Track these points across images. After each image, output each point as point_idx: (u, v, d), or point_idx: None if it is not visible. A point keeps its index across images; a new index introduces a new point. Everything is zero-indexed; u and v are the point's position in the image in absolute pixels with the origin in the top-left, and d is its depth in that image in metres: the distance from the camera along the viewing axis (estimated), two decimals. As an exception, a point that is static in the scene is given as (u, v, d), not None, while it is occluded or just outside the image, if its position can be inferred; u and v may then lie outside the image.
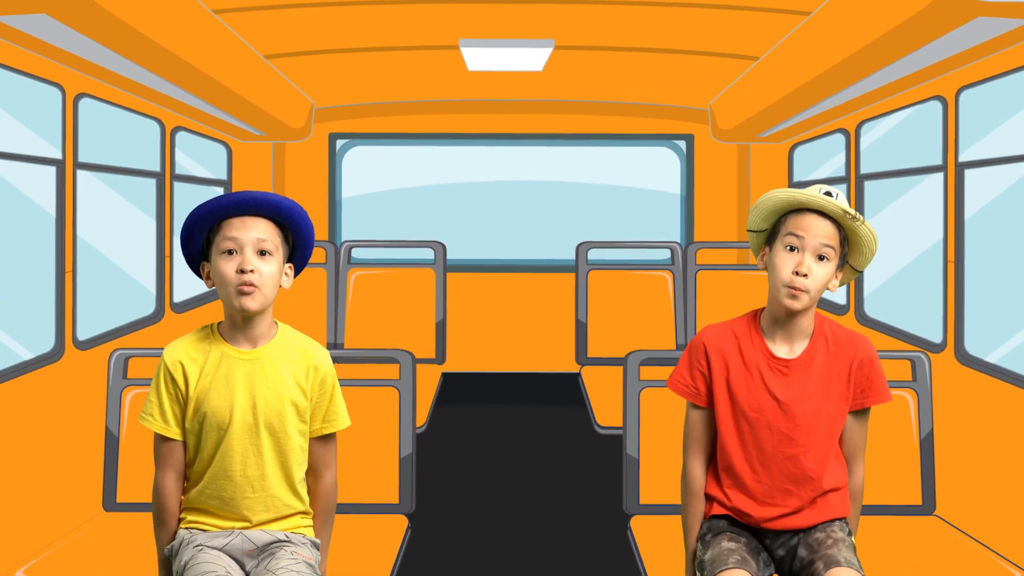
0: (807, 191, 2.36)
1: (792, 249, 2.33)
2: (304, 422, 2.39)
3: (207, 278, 2.35)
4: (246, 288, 2.27)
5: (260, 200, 2.31)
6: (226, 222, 2.30)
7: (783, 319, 2.38)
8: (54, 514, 3.65)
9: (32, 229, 4.73)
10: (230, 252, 2.29)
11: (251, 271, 2.27)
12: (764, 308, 2.43)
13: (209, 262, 2.33)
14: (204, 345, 2.35)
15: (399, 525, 3.25)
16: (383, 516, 3.28)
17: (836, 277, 2.38)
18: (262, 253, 2.29)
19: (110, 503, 3.30)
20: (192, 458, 2.38)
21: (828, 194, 2.34)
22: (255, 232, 2.29)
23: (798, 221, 2.34)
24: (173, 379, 2.33)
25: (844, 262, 2.39)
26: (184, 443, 2.37)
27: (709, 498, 2.48)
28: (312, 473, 2.45)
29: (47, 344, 3.96)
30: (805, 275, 2.30)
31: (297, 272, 2.41)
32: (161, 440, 2.36)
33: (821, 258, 2.33)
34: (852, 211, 2.34)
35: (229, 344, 2.35)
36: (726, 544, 2.38)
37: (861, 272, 2.45)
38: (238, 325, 2.34)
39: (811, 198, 2.33)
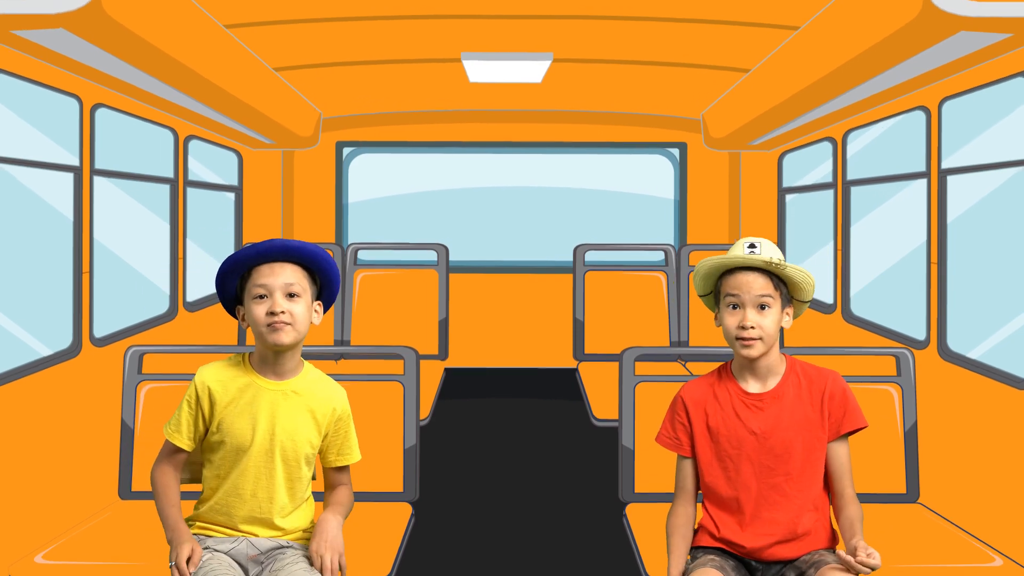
0: (732, 250, 2.52)
1: (734, 307, 2.49)
2: (314, 454, 2.57)
3: (242, 319, 2.52)
4: (277, 324, 2.44)
5: (287, 248, 2.49)
6: (256, 269, 2.48)
7: (749, 363, 2.54)
8: (72, 502, 3.74)
9: (51, 232, 4.85)
10: (261, 297, 2.46)
11: (281, 312, 2.44)
12: (733, 358, 2.58)
13: (243, 305, 2.51)
14: (234, 371, 2.52)
15: (403, 512, 3.36)
16: (388, 504, 3.39)
17: (787, 314, 2.52)
18: (291, 296, 2.47)
19: (125, 491, 3.42)
20: (209, 475, 2.53)
21: (753, 246, 2.49)
22: (283, 277, 2.47)
23: (731, 281, 2.50)
24: (199, 399, 2.49)
25: (789, 300, 2.53)
26: (188, 453, 2.54)
27: (702, 528, 2.59)
28: (328, 489, 2.63)
29: (65, 341, 4.08)
30: (752, 327, 2.46)
31: (326, 309, 2.58)
32: (171, 446, 2.53)
33: (763, 307, 2.48)
34: (776, 259, 2.47)
35: (258, 374, 2.52)
36: (709, 569, 2.47)
37: (809, 301, 2.58)
38: (268, 361, 2.51)
39: (735, 259, 2.49)
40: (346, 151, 7.03)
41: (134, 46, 3.51)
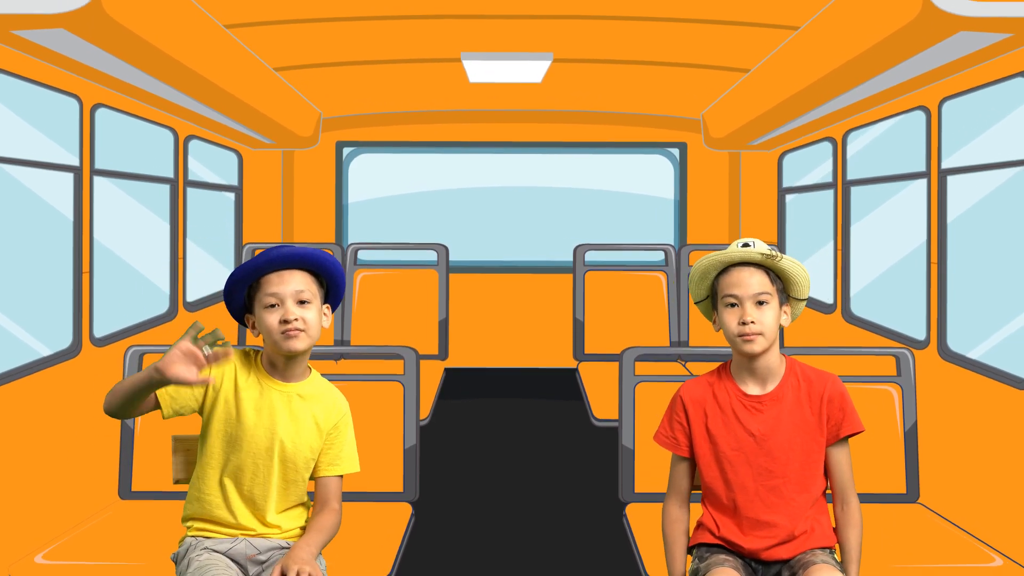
0: (727, 249, 2.54)
1: (733, 305, 2.49)
2: (313, 459, 2.54)
3: (252, 328, 2.53)
4: (291, 332, 2.45)
5: (295, 255, 2.50)
6: (265, 278, 2.48)
7: (748, 364, 2.53)
8: (72, 501, 3.75)
9: (51, 232, 4.86)
10: (273, 306, 2.47)
11: (294, 320, 2.45)
12: (732, 359, 2.58)
13: (253, 314, 2.51)
14: (247, 365, 2.53)
15: (403, 512, 3.36)
16: (388, 504, 3.40)
17: (785, 312, 2.53)
18: (301, 303, 2.48)
19: (125, 491, 3.42)
20: (206, 466, 2.51)
21: (747, 244, 2.51)
22: (293, 285, 2.47)
23: (728, 279, 2.50)
24: (224, 374, 2.47)
25: (786, 297, 2.54)
26: (162, 412, 2.45)
27: (702, 525, 2.59)
28: (317, 504, 2.58)
29: (65, 341, 4.09)
30: (752, 322, 2.46)
31: (333, 310, 2.59)
32: (154, 397, 2.43)
33: (761, 303, 2.48)
34: (770, 252, 2.49)
35: (266, 374, 2.52)
36: (723, 568, 2.48)
37: (805, 300, 2.59)
38: (278, 366, 2.52)
39: (730, 254, 2.51)
40: (346, 151, 7.05)
41: (134, 46, 3.52)
